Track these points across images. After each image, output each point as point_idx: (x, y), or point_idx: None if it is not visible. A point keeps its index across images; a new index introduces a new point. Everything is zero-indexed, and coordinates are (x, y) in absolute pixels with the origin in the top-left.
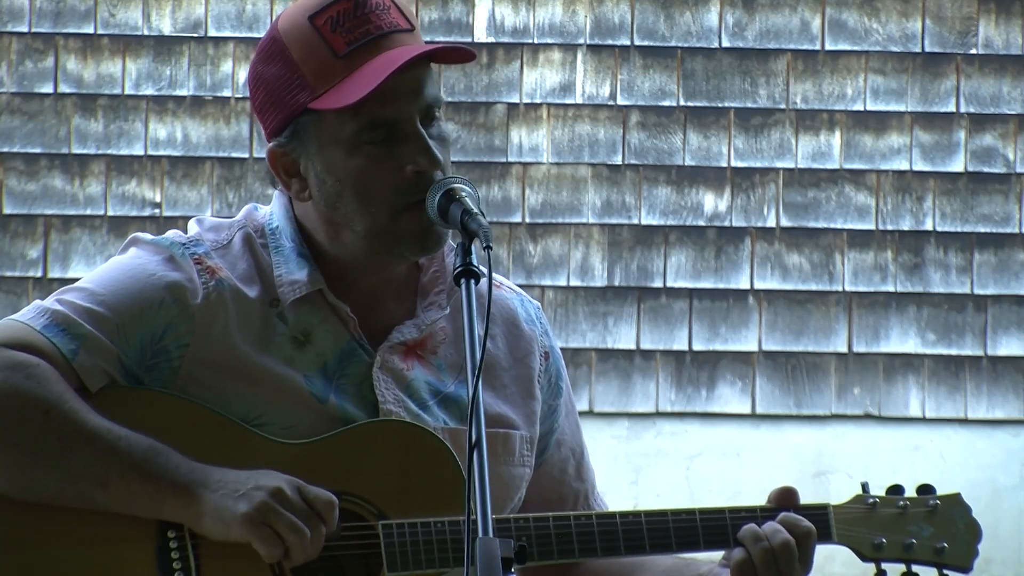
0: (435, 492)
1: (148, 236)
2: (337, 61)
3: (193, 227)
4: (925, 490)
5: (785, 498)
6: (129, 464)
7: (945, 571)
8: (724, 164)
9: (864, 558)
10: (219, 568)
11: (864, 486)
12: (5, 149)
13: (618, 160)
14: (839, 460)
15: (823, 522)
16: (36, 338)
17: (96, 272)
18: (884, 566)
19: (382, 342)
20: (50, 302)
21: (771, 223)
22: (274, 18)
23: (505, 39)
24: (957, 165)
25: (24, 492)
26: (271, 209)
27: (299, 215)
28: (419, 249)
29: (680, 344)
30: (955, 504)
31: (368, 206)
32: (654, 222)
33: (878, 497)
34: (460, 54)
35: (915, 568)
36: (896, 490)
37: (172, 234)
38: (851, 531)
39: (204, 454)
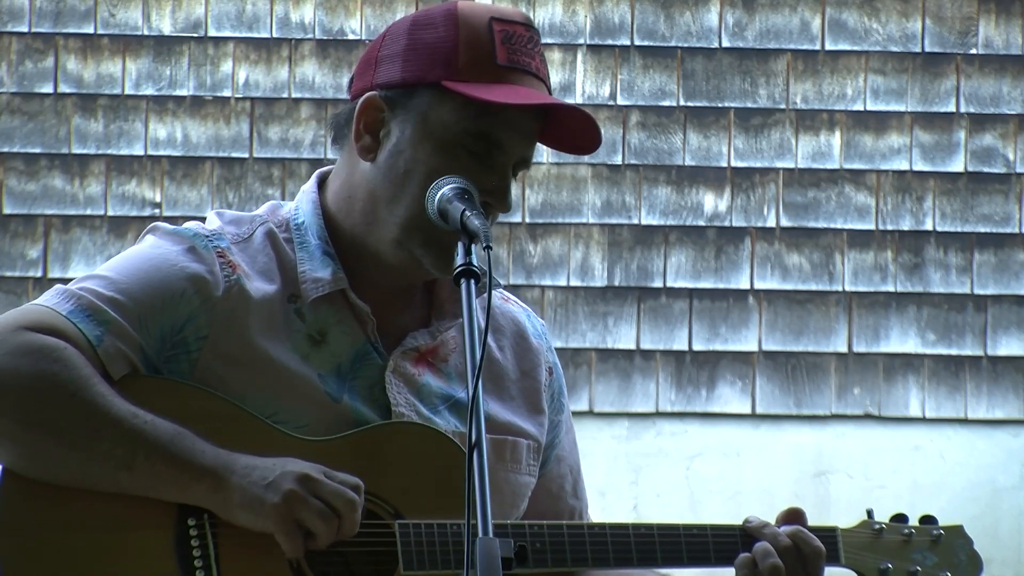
0: (451, 495)
1: (169, 226)
2: (493, 65)
3: (214, 220)
4: (928, 520)
5: (793, 518)
6: (155, 446)
7: None
8: (724, 164)
9: None
10: (237, 557)
11: (869, 512)
12: (5, 149)
13: (618, 160)
14: (839, 460)
15: (831, 544)
16: (62, 323)
17: (117, 260)
18: None
19: (395, 347)
20: (74, 287)
21: (771, 223)
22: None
23: None
24: (957, 165)
25: (48, 473)
26: (296, 205)
27: (332, 205)
28: (435, 261)
29: (680, 344)
30: (958, 535)
31: (422, 197)
32: (654, 222)
33: (884, 523)
34: (585, 141)
35: None
36: (900, 518)
37: (194, 225)
38: (858, 555)
39: (225, 445)
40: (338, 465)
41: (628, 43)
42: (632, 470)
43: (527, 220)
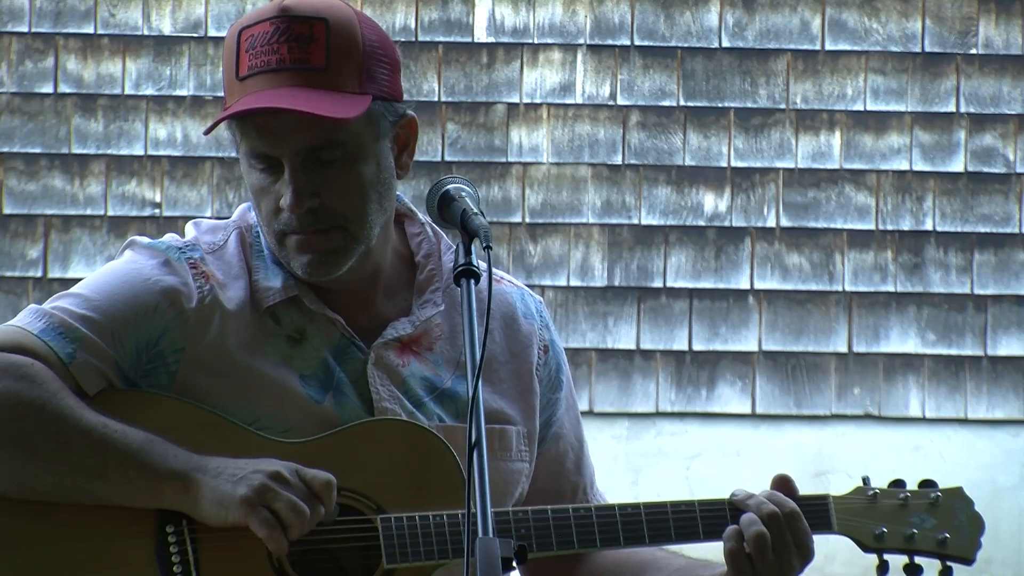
0: (434, 490)
1: (145, 240)
2: (236, 82)
3: (190, 230)
4: (927, 484)
5: (780, 485)
6: (126, 454)
7: (947, 562)
8: (724, 164)
9: (865, 548)
10: (217, 562)
11: (865, 479)
12: (5, 149)
13: (618, 160)
14: (839, 460)
15: (823, 512)
16: (32, 341)
17: (92, 277)
18: (887, 557)
19: (376, 339)
20: (47, 306)
21: (771, 223)
22: None
23: (505, 39)
24: (957, 165)
25: (22, 489)
26: None
27: None
28: (304, 273)
29: (680, 344)
30: (957, 497)
31: (262, 220)
32: (654, 222)
33: (879, 489)
34: (324, 118)
35: (918, 560)
36: (898, 484)
37: (169, 238)
38: (852, 521)
39: (202, 453)
40: (318, 464)
41: (628, 43)
42: (632, 470)
43: (527, 220)
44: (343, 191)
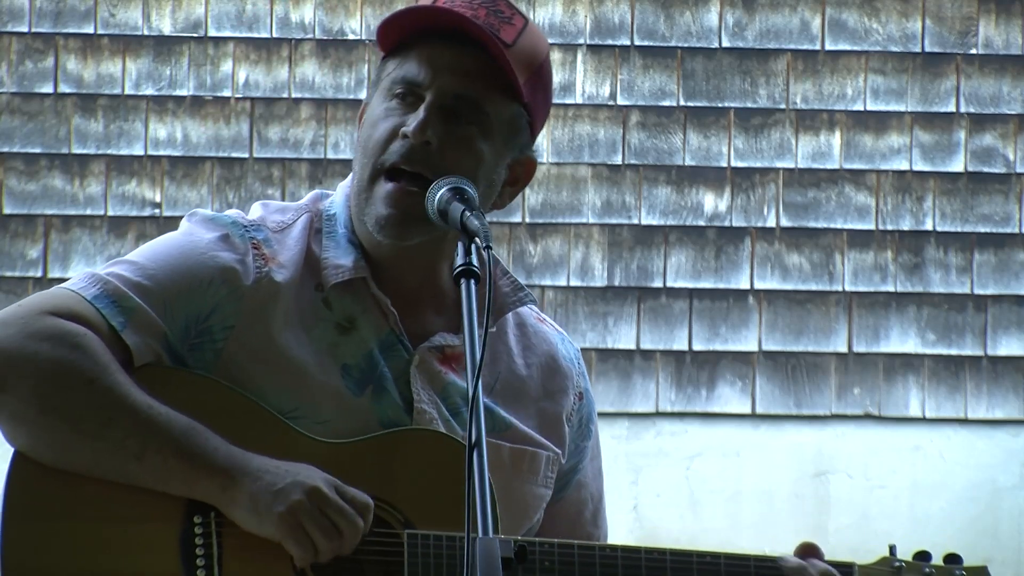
0: (462, 505)
1: (207, 212)
2: (415, 5)
3: (257, 210)
4: (952, 559)
5: (807, 552)
6: (167, 440)
7: None
8: (724, 164)
9: None
10: (241, 558)
11: (892, 549)
12: (5, 149)
13: (618, 160)
14: (839, 460)
15: None
16: (85, 308)
17: (148, 246)
18: None
19: (421, 343)
20: (102, 272)
21: (771, 223)
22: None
23: None
24: (957, 165)
25: (60, 459)
26: (334, 197)
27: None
28: (375, 226)
29: (680, 344)
30: None
31: (364, 155)
32: (654, 222)
33: (904, 561)
34: (491, 45)
35: None
36: (923, 556)
37: (235, 213)
38: None
39: (239, 443)
40: (351, 470)
41: (628, 43)
42: (632, 470)
43: (527, 220)
44: (459, 151)
